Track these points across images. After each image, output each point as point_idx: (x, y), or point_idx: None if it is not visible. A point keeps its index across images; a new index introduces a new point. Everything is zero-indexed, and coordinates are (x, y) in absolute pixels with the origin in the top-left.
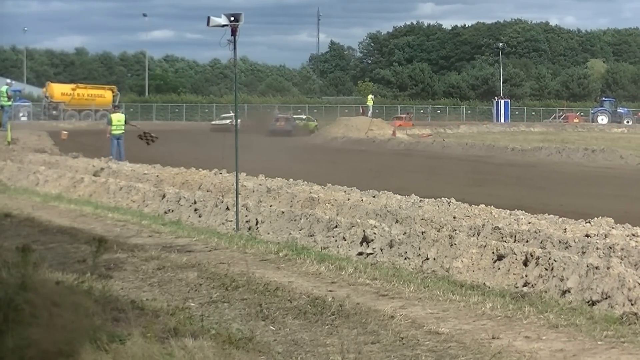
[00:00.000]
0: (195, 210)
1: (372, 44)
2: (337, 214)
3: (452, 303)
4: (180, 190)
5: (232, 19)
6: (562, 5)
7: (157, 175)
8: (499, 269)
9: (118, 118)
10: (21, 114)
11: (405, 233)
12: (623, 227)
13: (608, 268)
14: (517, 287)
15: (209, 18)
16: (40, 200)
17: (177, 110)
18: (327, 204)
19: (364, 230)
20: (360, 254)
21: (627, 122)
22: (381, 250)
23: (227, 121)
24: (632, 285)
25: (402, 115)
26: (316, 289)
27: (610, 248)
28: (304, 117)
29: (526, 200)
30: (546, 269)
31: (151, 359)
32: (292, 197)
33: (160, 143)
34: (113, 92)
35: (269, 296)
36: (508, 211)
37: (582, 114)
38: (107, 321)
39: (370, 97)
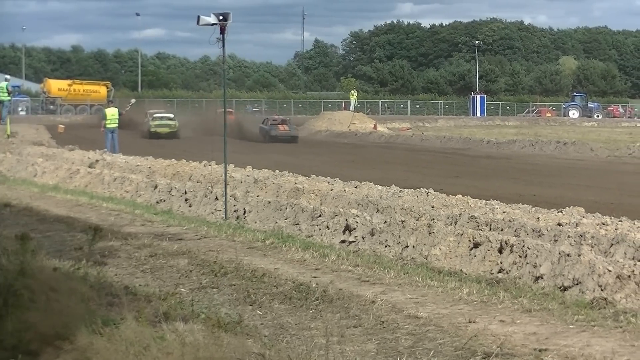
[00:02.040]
0: (186, 200)
1: (354, 42)
2: (321, 204)
3: (430, 289)
4: (171, 181)
5: (221, 18)
6: (535, 4)
7: (150, 167)
8: (475, 256)
9: (112, 112)
10: (20, 109)
11: (385, 222)
12: (593, 216)
13: (579, 255)
14: (492, 274)
15: (198, 17)
16: (38, 190)
17: (168, 105)
18: (311, 194)
19: (346, 219)
20: (343, 241)
21: (597, 116)
22: (363, 238)
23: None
24: (601, 271)
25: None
26: (301, 275)
27: (581, 236)
28: (171, 115)
29: (501, 190)
30: (520, 256)
31: (144, 342)
32: (278, 188)
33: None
34: (107, 88)
35: (256, 282)
36: (484, 201)
37: (554, 108)
38: (101, 306)
39: (352, 92)
